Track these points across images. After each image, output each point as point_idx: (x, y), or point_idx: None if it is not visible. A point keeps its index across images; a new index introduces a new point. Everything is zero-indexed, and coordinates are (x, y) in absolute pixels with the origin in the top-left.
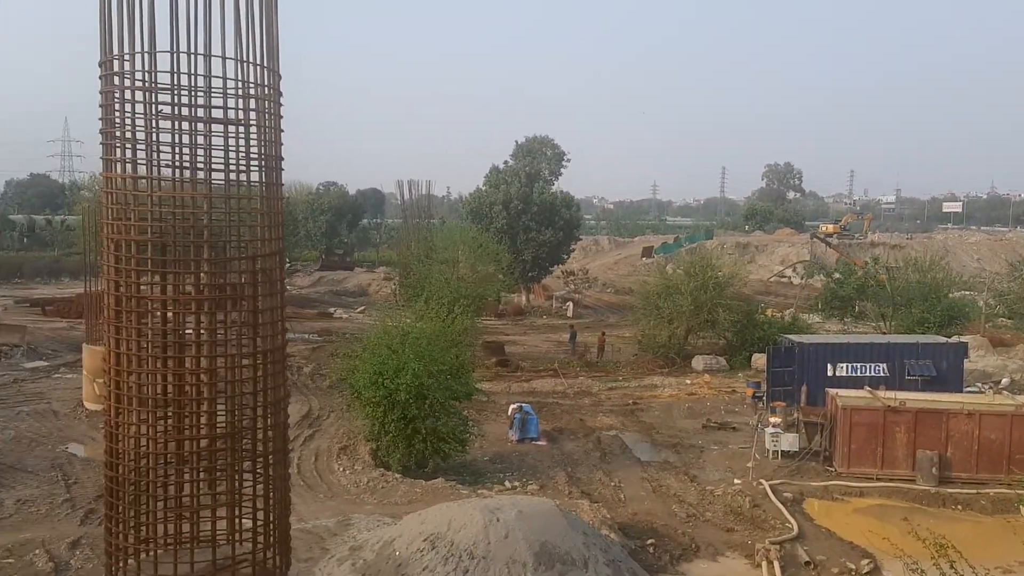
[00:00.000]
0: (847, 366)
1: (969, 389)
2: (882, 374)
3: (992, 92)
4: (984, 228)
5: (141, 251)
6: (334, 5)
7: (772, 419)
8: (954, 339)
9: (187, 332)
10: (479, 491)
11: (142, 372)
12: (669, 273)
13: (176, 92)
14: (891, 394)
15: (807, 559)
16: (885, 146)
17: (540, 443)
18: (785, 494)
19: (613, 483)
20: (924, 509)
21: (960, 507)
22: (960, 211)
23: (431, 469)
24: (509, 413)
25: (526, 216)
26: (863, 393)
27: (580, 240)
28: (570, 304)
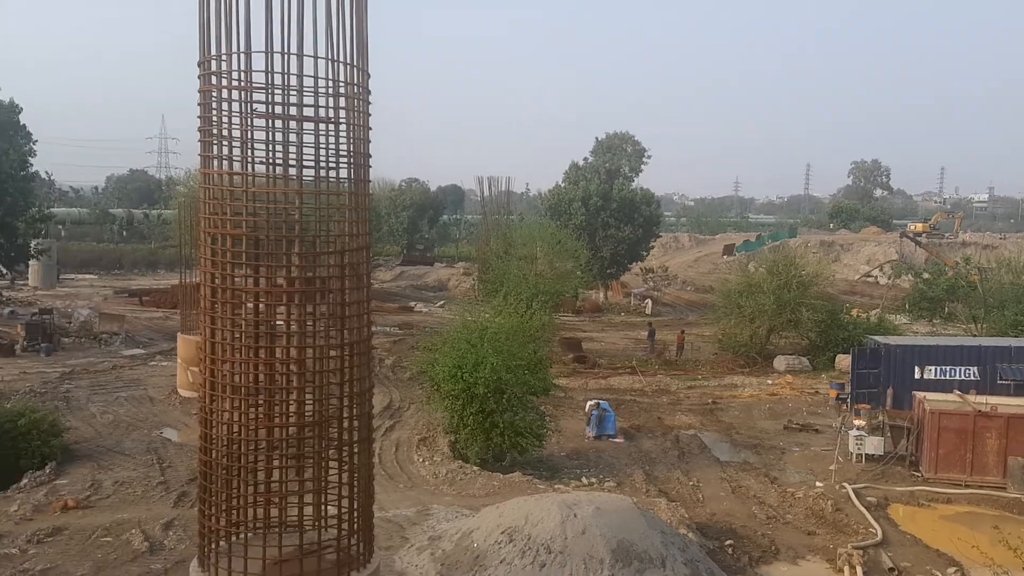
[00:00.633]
0: (936, 369)
1: None
2: (972, 378)
3: None
4: None
5: (236, 245)
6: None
7: (856, 422)
8: None
9: (278, 323)
10: (556, 486)
11: (235, 361)
12: (751, 271)
13: (270, 91)
14: (982, 399)
15: (891, 565)
16: (977, 143)
17: (617, 440)
18: (869, 498)
19: (691, 482)
20: (1015, 518)
21: None
22: None
23: (508, 463)
24: (586, 410)
25: (605, 213)
26: (952, 397)
27: (660, 237)
28: (649, 301)
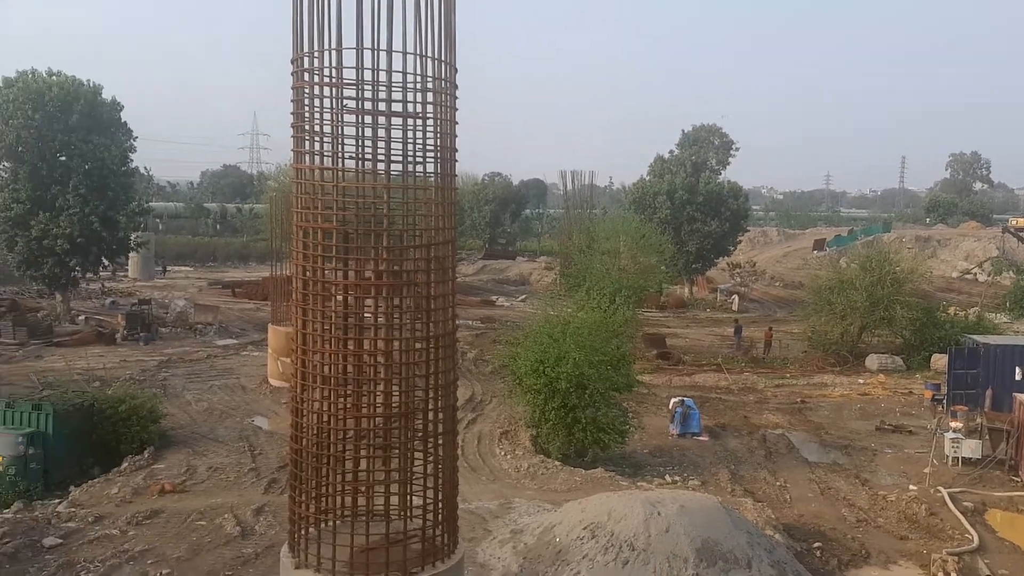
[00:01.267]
0: None
1: None
2: None
3: None
4: None
5: (326, 239)
6: None
7: (953, 424)
8: None
9: (366, 315)
10: (639, 483)
11: (325, 352)
12: (843, 267)
13: (360, 87)
14: None
15: (988, 572)
16: None
17: (702, 438)
18: (965, 503)
19: (778, 483)
20: None
21: None
22: None
23: (590, 459)
24: (670, 407)
25: (691, 206)
26: None
27: (747, 231)
28: (735, 297)
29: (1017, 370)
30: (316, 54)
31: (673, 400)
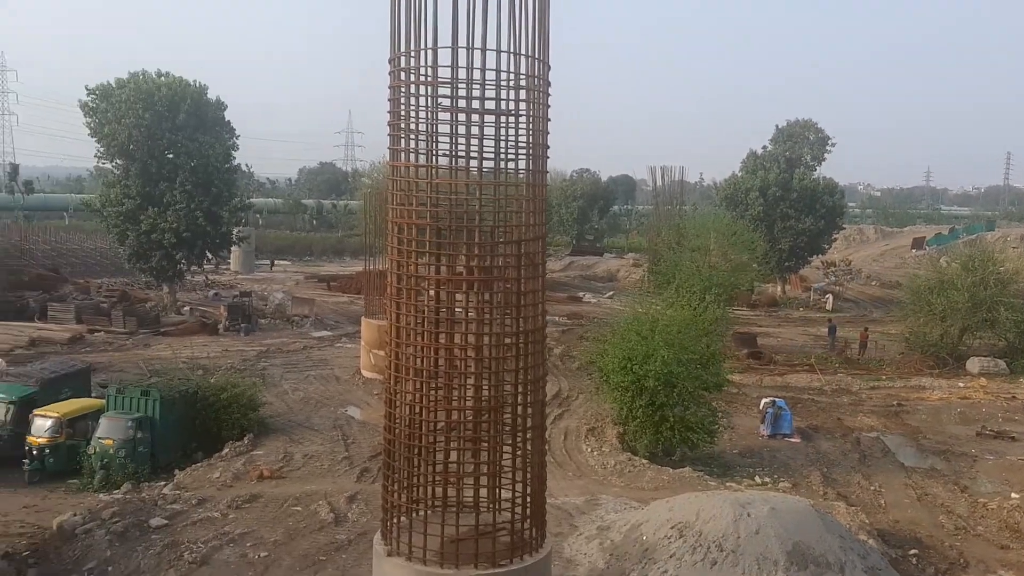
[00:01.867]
0: None
1: None
2: None
3: None
4: None
5: (420, 234)
6: None
7: None
8: None
9: (457, 310)
10: (727, 484)
11: (418, 345)
12: (943, 267)
13: (455, 85)
14: None
15: None
16: None
17: (793, 440)
18: None
19: (873, 487)
20: None
21: None
22: None
23: (678, 457)
24: (761, 407)
25: (784, 203)
26: None
27: (843, 229)
28: (830, 296)
29: None
30: (412, 53)
31: (764, 400)
